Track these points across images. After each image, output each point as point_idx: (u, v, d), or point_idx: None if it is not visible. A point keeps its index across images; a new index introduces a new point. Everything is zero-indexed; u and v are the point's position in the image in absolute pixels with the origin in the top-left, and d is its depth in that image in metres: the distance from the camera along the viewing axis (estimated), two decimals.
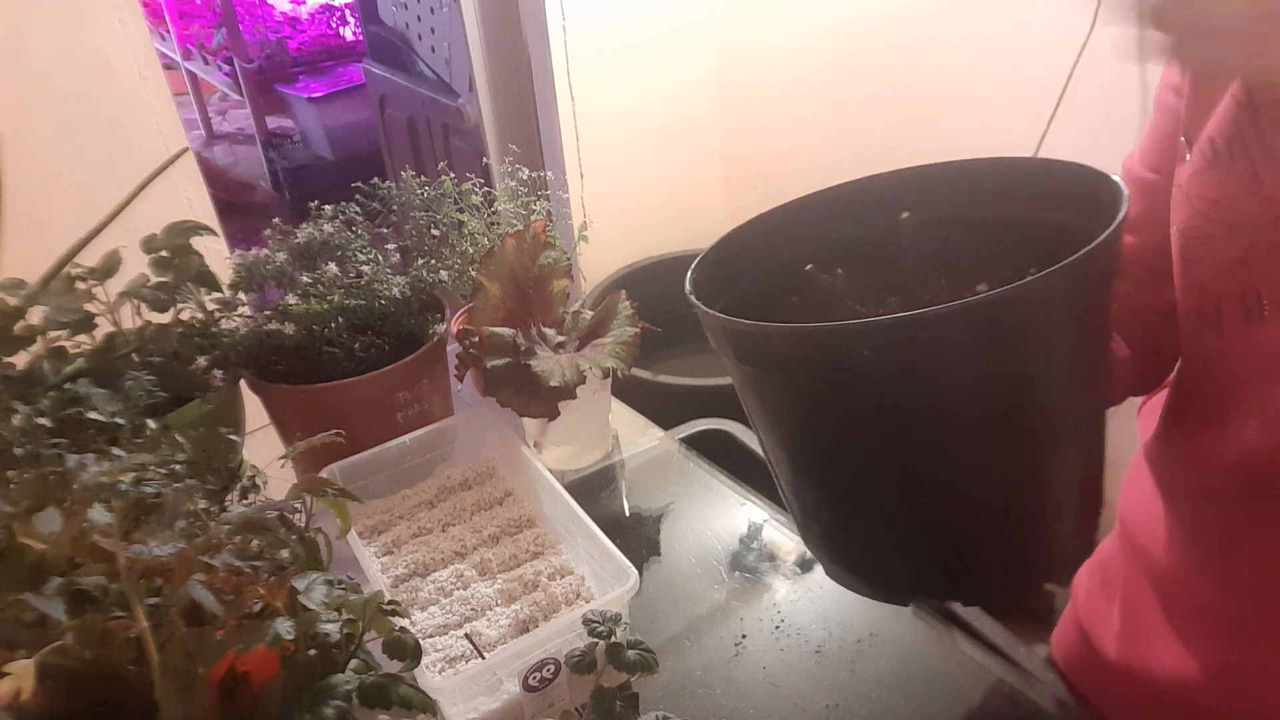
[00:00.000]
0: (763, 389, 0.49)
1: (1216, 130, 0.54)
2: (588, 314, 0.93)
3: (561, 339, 0.91)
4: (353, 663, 0.52)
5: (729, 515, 0.95)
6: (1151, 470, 0.69)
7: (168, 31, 4.26)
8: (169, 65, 4.19)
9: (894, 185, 0.54)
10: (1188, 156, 0.57)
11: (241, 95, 3.87)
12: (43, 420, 0.65)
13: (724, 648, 0.78)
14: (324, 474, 0.84)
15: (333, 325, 0.87)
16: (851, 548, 0.55)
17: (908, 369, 0.42)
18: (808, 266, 0.56)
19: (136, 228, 0.81)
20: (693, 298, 0.49)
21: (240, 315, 0.89)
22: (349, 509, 0.66)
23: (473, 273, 0.91)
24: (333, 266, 0.89)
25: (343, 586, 0.53)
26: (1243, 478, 0.56)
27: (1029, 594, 0.56)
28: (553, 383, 0.81)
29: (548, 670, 0.65)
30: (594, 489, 0.99)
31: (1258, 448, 0.54)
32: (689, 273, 0.52)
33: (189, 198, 1.33)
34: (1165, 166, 0.63)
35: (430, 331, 0.94)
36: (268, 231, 0.92)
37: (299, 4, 4.20)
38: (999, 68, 1.63)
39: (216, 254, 0.90)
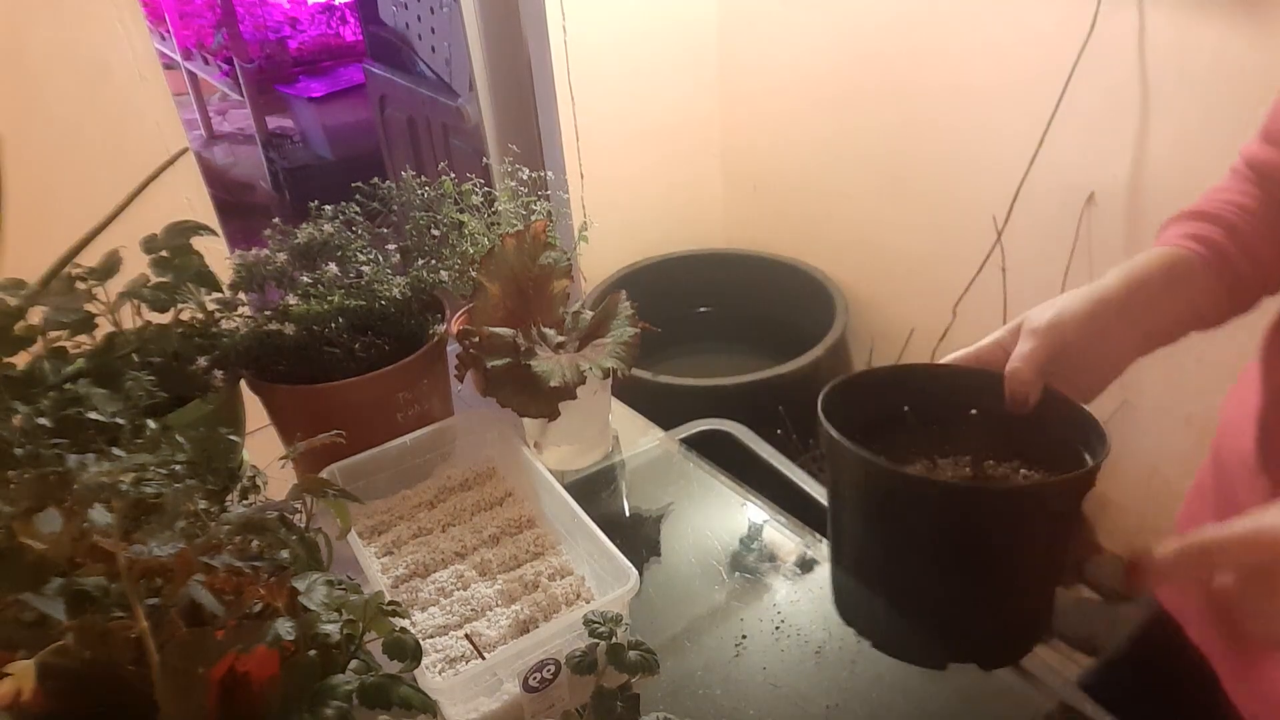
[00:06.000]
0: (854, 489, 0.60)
1: None
2: (588, 314, 0.93)
3: (561, 339, 0.91)
4: (353, 663, 0.52)
5: (729, 515, 0.95)
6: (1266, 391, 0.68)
7: (168, 31, 4.25)
8: (169, 65, 4.19)
9: (971, 383, 0.63)
10: None
11: (241, 95, 3.87)
12: (43, 420, 0.65)
13: (724, 648, 0.78)
14: (324, 474, 0.84)
15: (333, 325, 0.87)
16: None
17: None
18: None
19: (136, 228, 0.81)
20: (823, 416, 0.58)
21: (240, 315, 0.89)
22: (349, 509, 0.66)
23: (473, 273, 0.91)
24: (333, 267, 0.89)
25: (343, 587, 0.53)
26: None
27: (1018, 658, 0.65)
28: (553, 383, 0.81)
29: (548, 671, 0.65)
30: (594, 489, 0.99)
31: None
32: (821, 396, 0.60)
33: (189, 198, 1.33)
34: None
35: (430, 331, 0.94)
36: (268, 231, 0.92)
37: (299, 4, 4.20)
38: (999, 68, 1.63)
39: (216, 254, 0.90)
